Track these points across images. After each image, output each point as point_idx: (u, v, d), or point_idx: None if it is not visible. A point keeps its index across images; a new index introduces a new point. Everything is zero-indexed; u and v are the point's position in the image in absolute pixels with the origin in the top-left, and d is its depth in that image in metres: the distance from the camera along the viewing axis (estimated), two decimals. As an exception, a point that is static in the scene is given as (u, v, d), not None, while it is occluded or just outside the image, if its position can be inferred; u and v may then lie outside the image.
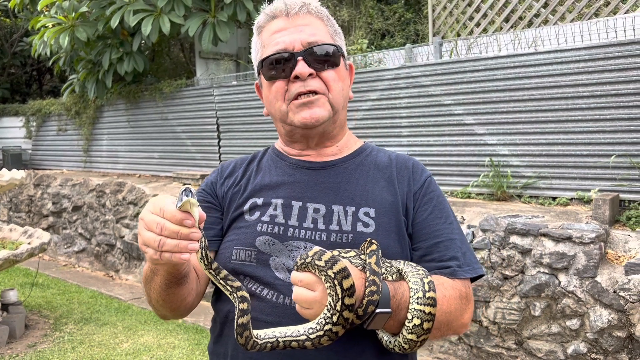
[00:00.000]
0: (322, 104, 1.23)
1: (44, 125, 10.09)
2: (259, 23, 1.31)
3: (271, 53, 1.24)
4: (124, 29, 7.47)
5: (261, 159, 1.38)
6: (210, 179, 1.37)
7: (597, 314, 3.48)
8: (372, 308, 0.99)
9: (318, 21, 1.27)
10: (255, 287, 1.18)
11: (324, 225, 1.19)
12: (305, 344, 1.00)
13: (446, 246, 1.20)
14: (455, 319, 1.13)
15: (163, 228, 0.93)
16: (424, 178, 1.28)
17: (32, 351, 4.36)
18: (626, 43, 3.97)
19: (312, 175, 1.27)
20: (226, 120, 6.89)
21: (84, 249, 7.71)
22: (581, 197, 4.24)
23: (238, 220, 1.26)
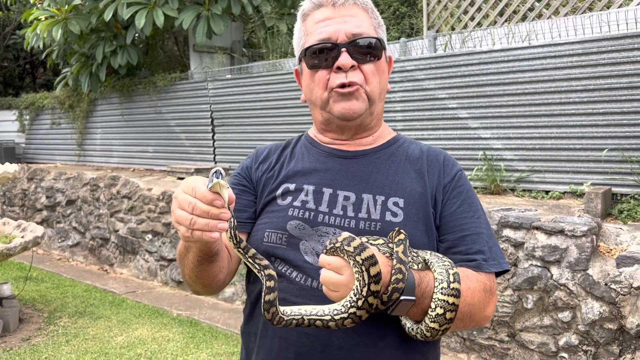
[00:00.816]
0: (360, 97, 1.25)
1: (38, 118, 10.04)
2: (304, 10, 1.32)
3: (315, 42, 1.26)
4: (118, 22, 7.43)
5: (295, 146, 1.41)
6: (246, 164, 1.41)
7: (588, 307, 3.51)
8: (396, 295, 1.03)
9: (363, 13, 1.28)
10: (285, 269, 1.22)
11: (353, 213, 1.22)
12: (329, 323, 1.04)
13: (473, 240, 1.22)
14: (478, 311, 1.15)
15: (194, 207, 0.98)
16: (455, 172, 1.30)
17: (26, 345, 4.36)
18: (619, 37, 3.99)
19: (343, 163, 1.30)
20: (220, 114, 6.88)
21: (78, 243, 7.70)
22: (574, 190, 4.27)
23: (271, 204, 1.30)
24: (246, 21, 7.96)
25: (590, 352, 3.54)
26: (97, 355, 4.13)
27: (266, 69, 6.61)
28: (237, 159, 6.72)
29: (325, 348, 1.16)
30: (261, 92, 6.33)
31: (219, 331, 4.73)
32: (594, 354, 3.53)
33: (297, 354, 1.18)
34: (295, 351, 1.18)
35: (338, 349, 1.16)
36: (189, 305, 5.52)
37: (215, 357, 4.11)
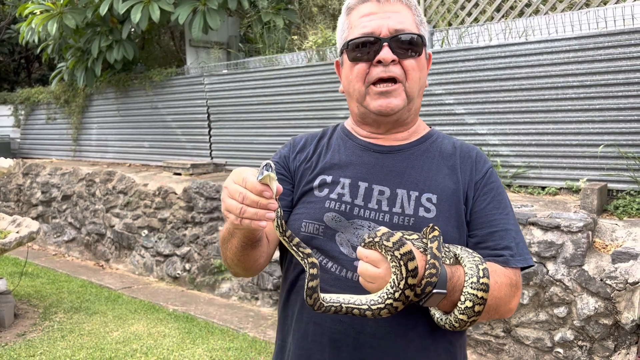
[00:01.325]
0: (398, 94, 1.28)
1: (33, 113, 10.00)
2: (349, 4, 1.35)
3: (358, 35, 1.29)
4: (113, 17, 7.38)
5: (331, 137, 1.44)
6: (283, 153, 1.44)
7: (584, 302, 3.52)
8: (429, 289, 1.08)
9: (406, 9, 1.31)
10: (321, 259, 1.28)
11: (387, 207, 1.27)
12: (365, 312, 1.10)
13: (501, 236, 1.25)
14: (504, 304, 1.20)
15: (245, 197, 1.03)
16: (486, 169, 1.33)
17: (21, 340, 4.35)
18: (616, 33, 3.99)
19: (379, 158, 1.34)
20: (217, 109, 6.86)
21: (73, 239, 7.68)
22: (570, 186, 4.27)
23: (308, 195, 1.35)
24: (242, 16, 7.93)
25: (585, 348, 3.55)
26: (92, 350, 4.13)
27: (263, 64, 6.58)
28: (234, 154, 6.70)
29: (358, 335, 1.22)
30: (258, 87, 6.31)
31: (215, 327, 4.72)
32: (589, 349, 3.54)
33: (332, 340, 1.24)
34: (330, 337, 1.24)
35: (370, 336, 1.21)
36: (184, 300, 5.52)
37: (211, 353, 4.10)
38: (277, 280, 5.20)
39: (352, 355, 1.23)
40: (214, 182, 5.94)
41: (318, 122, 5.77)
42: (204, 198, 5.93)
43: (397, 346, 1.22)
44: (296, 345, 1.30)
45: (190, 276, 5.97)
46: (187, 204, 6.11)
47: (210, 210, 5.88)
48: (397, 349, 1.22)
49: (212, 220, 5.88)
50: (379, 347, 1.22)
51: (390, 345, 1.22)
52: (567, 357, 3.62)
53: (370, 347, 1.22)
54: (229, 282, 5.65)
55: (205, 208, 5.91)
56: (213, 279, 5.76)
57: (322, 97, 5.68)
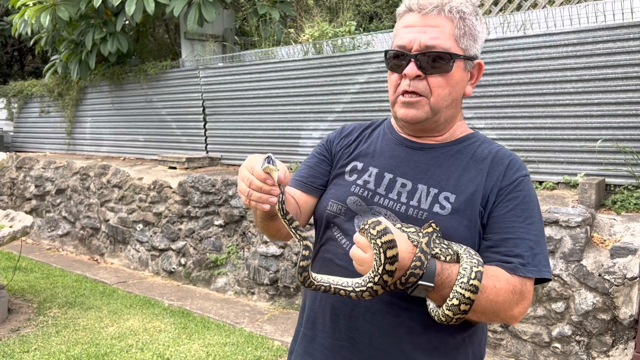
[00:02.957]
0: (420, 107, 1.34)
1: (26, 106, 9.90)
2: (399, 11, 1.40)
3: (395, 47, 1.36)
4: (107, 9, 7.30)
5: (375, 128, 1.55)
6: (331, 137, 1.58)
7: (582, 297, 3.51)
8: (413, 279, 1.17)
9: (448, 23, 1.31)
10: (338, 235, 1.40)
11: (405, 200, 1.35)
12: (350, 294, 1.22)
13: (515, 243, 1.27)
14: (503, 310, 1.23)
15: (251, 183, 1.19)
16: (516, 177, 1.33)
17: (15, 335, 4.31)
18: (615, 27, 3.96)
19: (409, 153, 1.42)
20: (212, 102, 6.81)
21: (68, 233, 7.63)
22: (568, 181, 4.26)
23: (339, 178, 1.48)
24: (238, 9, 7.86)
25: (583, 343, 3.55)
26: (87, 346, 4.09)
27: (258, 57, 6.53)
28: (229, 148, 6.66)
29: (354, 307, 1.33)
30: (253, 80, 6.26)
31: (211, 321, 4.70)
32: (587, 344, 3.54)
33: (333, 307, 1.37)
34: (332, 304, 1.37)
35: (364, 310, 1.32)
36: (180, 295, 5.49)
37: (207, 348, 4.08)
38: (273, 275, 5.17)
39: (348, 324, 1.34)
40: (209, 176, 5.90)
41: (314, 115, 5.74)
42: (199, 192, 5.89)
43: (387, 324, 1.31)
44: (308, 308, 1.46)
45: (185, 271, 5.94)
46: (182, 198, 6.07)
47: (205, 204, 5.85)
48: (386, 326, 1.31)
49: (207, 215, 5.84)
50: (371, 321, 1.31)
51: (382, 322, 1.31)
52: (564, 352, 3.62)
53: (363, 320, 1.32)
54: (224, 277, 5.63)
55: (200, 202, 5.87)
56: (209, 273, 5.74)
57: (319, 91, 5.65)
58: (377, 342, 1.32)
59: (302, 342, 1.46)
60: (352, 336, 1.34)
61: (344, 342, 1.35)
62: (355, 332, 1.33)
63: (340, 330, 1.36)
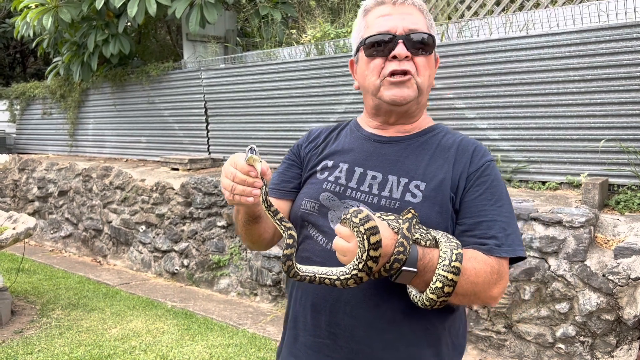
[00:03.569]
0: (411, 85, 1.39)
1: (29, 108, 9.92)
2: (367, 6, 1.47)
3: (375, 33, 1.40)
4: (109, 10, 7.31)
5: (342, 129, 1.59)
6: (299, 142, 1.62)
7: (586, 298, 3.50)
8: (397, 265, 1.18)
9: (419, 13, 1.43)
10: (314, 233, 1.42)
11: (377, 191, 1.38)
12: (335, 282, 1.22)
13: (489, 225, 1.32)
14: (483, 290, 1.26)
15: (235, 176, 1.21)
16: (483, 162, 1.40)
17: (18, 337, 4.31)
18: (618, 27, 3.96)
19: (377, 147, 1.46)
20: (214, 103, 6.81)
21: (70, 234, 7.63)
22: (571, 181, 4.25)
23: (312, 177, 1.51)
24: (240, 10, 7.86)
25: (587, 343, 3.54)
26: (91, 347, 4.09)
27: (260, 59, 6.53)
28: (231, 149, 6.66)
29: (335, 301, 1.34)
30: (255, 81, 6.26)
31: (214, 323, 4.70)
32: (591, 345, 3.53)
33: (313, 304, 1.38)
34: (312, 301, 1.38)
35: (344, 304, 1.33)
36: (183, 296, 5.49)
37: (210, 349, 4.08)
38: (276, 276, 5.17)
39: (329, 319, 1.35)
40: (211, 178, 5.90)
41: (316, 116, 5.73)
42: (202, 193, 5.89)
43: (369, 316, 1.32)
44: (291, 309, 1.47)
45: (188, 272, 5.94)
46: (185, 199, 6.07)
47: (208, 205, 5.85)
48: (368, 318, 1.32)
49: (210, 216, 5.84)
50: (352, 314, 1.32)
51: (362, 314, 1.32)
52: (568, 353, 3.61)
53: (344, 313, 1.33)
54: (227, 278, 5.62)
55: (203, 203, 5.87)
56: (212, 274, 5.74)
57: (321, 92, 5.64)
58: (358, 335, 1.32)
59: (287, 343, 1.47)
60: (333, 332, 1.35)
61: (325, 340, 1.36)
62: (337, 328, 1.34)
63: (321, 327, 1.37)
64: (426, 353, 1.34)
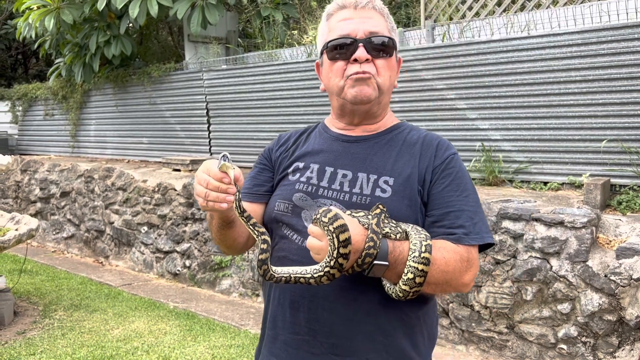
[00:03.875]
0: (371, 84, 1.43)
1: (31, 110, 9.94)
2: (329, 10, 1.52)
3: (337, 37, 1.45)
4: (111, 11, 7.33)
5: (311, 132, 1.63)
6: (269, 146, 1.66)
7: (588, 298, 3.50)
8: (369, 260, 1.23)
9: (380, 16, 1.48)
10: (289, 233, 1.45)
11: (348, 188, 1.43)
12: (309, 280, 1.26)
13: (456, 215, 1.37)
14: (455, 278, 1.31)
15: (208, 183, 1.24)
16: (447, 155, 1.45)
17: (21, 338, 4.32)
18: (619, 27, 3.95)
19: (346, 146, 1.51)
20: (216, 104, 6.82)
21: (73, 235, 7.65)
22: (572, 181, 4.25)
23: (284, 179, 1.54)
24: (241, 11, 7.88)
25: (589, 344, 3.54)
26: (93, 348, 4.10)
27: (262, 59, 6.54)
28: (233, 150, 6.66)
29: (313, 298, 1.37)
30: (257, 82, 6.27)
31: (216, 324, 4.71)
32: (593, 345, 3.53)
33: (291, 302, 1.41)
34: (290, 299, 1.41)
35: (323, 299, 1.36)
36: (185, 297, 5.50)
37: (212, 350, 4.08)
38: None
39: (308, 316, 1.38)
40: (213, 179, 5.90)
41: (317, 117, 5.74)
42: (203, 194, 5.89)
43: (347, 309, 1.36)
44: (269, 309, 1.49)
45: (190, 273, 5.95)
46: (186, 200, 6.08)
47: (210, 206, 5.85)
48: (346, 312, 1.36)
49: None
50: (330, 309, 1.36)
51: (340, 308, 1.36)
52: (570, 353, 3.60)
53: (323, 309, 1.37)
54: (229, 279, 5.63)
55: (205, 204, 5.87)
56: (213, 275, 5.74)
57: (322, 93, 5.62)
58: (337, 329, 1.36)
59: (267, 344, 1.49)
60: (312, 328, 1.38)
61: (304, 336, 1.39)
62: (316, 324, 1.38)
63: (300, 324, 1.39)
64: (402, 342, 1.38)
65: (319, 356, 1.37)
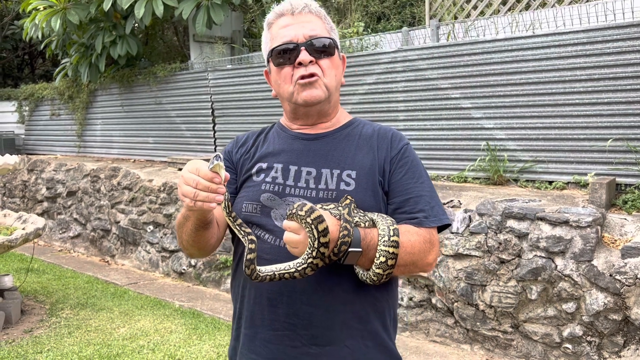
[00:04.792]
0: (319, 86, 1.49)
1: (37, 109, 9.99)
2: (269, 20, 1.57)
3: (279, 44, 1.51)
4: (117, 12, 7.36)
5: (268, 132, 1.67)
6: (227, 149, 1.67)
7: (593, 297, 3.50)
8: (344, 248, 1.29)
9: (317, 19, 1.54)
10: (259, 233, 1.48)
11: (314, 185, 1.48)
12: (294, 274, 1.30)
13: (415, 201, 1.46)
14: (420, 259, 1.40)
15: (198, 183, 1.24)
16: (401, 146, 1.54)
17: (28, 336, 4.35)
18: (625, 26, 3.95)
19: (306, 144, 1.56)
20: (221, 104, 6.84)
21: (79, 234, 7.69)
22: (578, 181, 4.24)
23: (248, 181, 1.56)
24: (246, 11, 7.89)
25: (594, 343, 3.53)
26: (99, 346, 4.13)
27: (267, 59, 6.54)
28: (238, 149, 6.68)
29: (290, 293, 1.42)
30: (262, 82, 6.28)
31: (222, 322, 4.72)
32: (598, 344, 3.52)
33: (269, 299, 1.44)
34: (267, 297, 1.45)
35: (300, 294, 1.41)
36: (191, 296, 5.52)
37: (218, 349, 4.10)
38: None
39: (287, 311, 1.42)
40: (219, 178, 5.92)
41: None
42: (209, 194, 5.91)
43: (324, 300, 1.41)
44: (244, 308, 1.52)
45: (196, 272, 5.97)
46: (192, 199, 6.09)
47: (215, 205, 5.87)
48: (324, 303, 1.41)
49: (217, 216, 5.86)
50: (308, 302, 1.41)
51: (318, 300, 1.41)
52: (575, 353, 3.60)
53: (301, 302, 1.41)
54: (234, 278, 5.65)
55: (210, 204, 5.89)
56: (219, 274, 5.76)
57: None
58: (316, 320, 1.41)
59: (245, 343, 1.52)
60: (291, 323, 1.42)
61: (284, 331, 1.43)
62: (295, 318, 1.42)
63: (279, 320, 1.43)
64: (375, 325, 1.46)
65: (299, 348, 1.42)
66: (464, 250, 4.02)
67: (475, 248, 3.97)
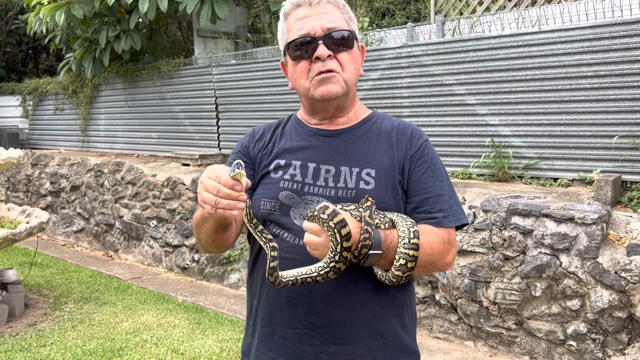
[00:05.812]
0: (337, 81, 1.44)
1: (41, 104, 10.00)
2: (285, 10, 1.51)
3: (296, 37, 1.45)
4: (121, 6, 7.35)
5: (285, 126, 1.62)
6: (244, 143, 1.63)
7: (597, 295, 3.49)
8: (365, 250, 1.27)
9: (336, 9, 1.48)
10: (278, 231, 1.46)
11: (333, 183, 1.45)
12: (317, 278, 1.30)
13: (435, 201, 1.44)
14: (439, 259, 1.39)
15: (219, 191, 1.22)
16: (420, 143, 1.51)
17: (32, 330, 4.36)
18: (632, 22, 3.92)
19: (325, 141, 1.52)
20: (225, 99, 6.83)
21: (82, 229, 7.70)
22: (583, 178, 4.22)
23: (265, 178, 1.53)
24: (250, 6, 7.87)
25: (598, 341, 3.52)
26: (103, 340, 4.14)
27: (271, 54, 6.54)
28: (242, 145, 6.68)
29: (310, 293, 1.41)
30: (266, 77, 6.27)
31: (225, 317, 4.73)
32: (603, 342, 3.51)
33: (288, 298, 1.43)
34: (287, 296, 1.43)
35: (319, 293, 1.40)
36: (194, 291, 5.52)
37: (221, 343, 4.11)
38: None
39: (306, 310, 1.42)
40: (222, 173, 5.92)
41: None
42: (212, 189, 5.91)
43: (344, 300, 1.41)
44: (261, 306, 1.50)
45: (199, 267, 5.97)
46: (195, 194, 6.10)
47: (219, 201, 5.86)
48: (343, 303, 1.41)
49: (220, 211, 5.86)
50: (328, 301, 1.40)
51: (338, 299, 1.40)
52: (580, 350, 3.59)
53: (321, 302, 1.40)
54: (237, 273, 5.65)
55: (214, 199, 5.89)
56: (222, 269, 5.77)
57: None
58: (336, 319, 1.41)
59: (262, 340, 1.51)
60: (311, 321, 1.41)
61: (304, 330, 1.42)
62: (315, 317, 1.41)
63: (299, 319, 1.43)
64: (394, 323, 1.45)
65: (318, 347, 1.41)
66: (468, 246, 4.01)
67: (480, 244, 3.96)
